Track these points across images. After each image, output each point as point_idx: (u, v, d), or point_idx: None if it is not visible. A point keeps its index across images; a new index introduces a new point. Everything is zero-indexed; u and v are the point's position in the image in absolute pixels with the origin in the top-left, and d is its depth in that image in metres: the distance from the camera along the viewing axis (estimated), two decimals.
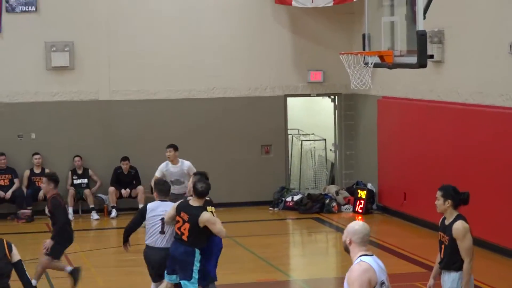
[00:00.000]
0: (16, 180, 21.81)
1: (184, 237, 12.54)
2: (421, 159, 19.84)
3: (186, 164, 18.25)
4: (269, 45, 23.14)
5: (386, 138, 21.58)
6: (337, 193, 22.52)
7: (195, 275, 12.64)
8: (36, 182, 21.72)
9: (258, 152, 23.19)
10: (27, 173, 21.95)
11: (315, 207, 22.14)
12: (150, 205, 13.19)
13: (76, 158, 22.12)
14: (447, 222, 10.85)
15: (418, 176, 20.03)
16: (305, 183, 24.38)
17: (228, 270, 16.11)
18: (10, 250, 10.21)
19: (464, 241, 10.71)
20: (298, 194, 22.86)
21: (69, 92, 22.31)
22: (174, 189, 16.73)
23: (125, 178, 22.16)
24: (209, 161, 21.99)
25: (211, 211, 12.80)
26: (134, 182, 22.16)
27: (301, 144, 24.54)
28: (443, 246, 10.84)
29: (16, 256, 10.27)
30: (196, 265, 12.67)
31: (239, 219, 21.29)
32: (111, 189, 21.87)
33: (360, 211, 21.83)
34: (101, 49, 22.39)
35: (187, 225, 12.54)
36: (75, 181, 22.09)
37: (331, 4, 21.64)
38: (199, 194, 12.52)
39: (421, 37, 15.06)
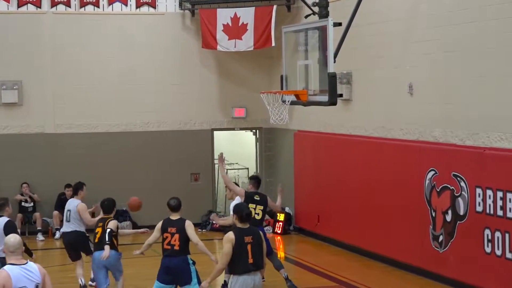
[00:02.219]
0: None
1: (176, 247, 12.99)
2: (333, 186, 20.03)
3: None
4: (197, 85, 23.22)
5: (302, 167, 21.76)
6: None
7: (194, 278, 13.07)
8: None
9: (188, 179, 23.17)
10: None
11: None
12: None
13: (24, 185, 21.98)
14: None
15: (329, 200, 20.22)
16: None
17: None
18: None
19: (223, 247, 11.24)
20: (223, 217, 22.89)
21: (18, 126, 22.12)
22: None
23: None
24: (144, 187, 21.98)
25: None
26: None
27: (226, 172, 24.53)
28: None
29: None
30: (193, 269, 13.11)
31: None
32: (55, 213, 21.66)
33: (279, 231, 21.94)
34: (46, 87, 22.25)
35: (177, 236, 13.02)
36: (23, 204, 21.96)
37: (251, 48, 21.82)
38: (172, 208, 13.37)
39: (332, 78, 15.31)
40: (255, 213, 15.68)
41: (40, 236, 21.69)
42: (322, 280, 16.78)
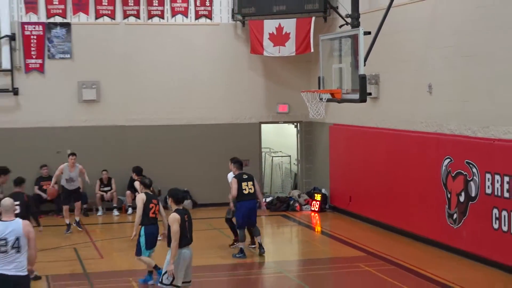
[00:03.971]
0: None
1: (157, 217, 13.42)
2: (362, 171, 20.04)
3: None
4: (247, 85, 23.24)
5: (336, 155, 21.77)
6: (299, 196, 22.63)
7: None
8: None
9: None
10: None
11: (282, 207, 22.26)
12: None
13: (104, 172, 22.24)
14: None
15: (360, 183, 20.22)
16: (274, 188, 24.52)
17: (217, 254, 16.37)
18: None
19: (171, 227, 11.18)
20: (269, 196, 23.03)
21: (96, 119, 22.38)
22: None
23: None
24: (201, 173, 22.25)
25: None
26: None
27: (272, 159, 24.69)
28: None
29: None
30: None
31: (223, 215, 21.46)
32: (128, 192, 21.89)
33: (316, 209, 22.05)
34: (119, 86, 22.45)
35: (158, 207, 13.38)
36: (102, 189, 22.30)
37: (293, 53, 21.84)
38: (147, 186, 13.47)
39: (362, 79, 15.45)
40: (249, 189, 16.25)
41: (115, 212, 22.05)
42: (354, 251, 16.85)
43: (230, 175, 16.93)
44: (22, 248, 9.51)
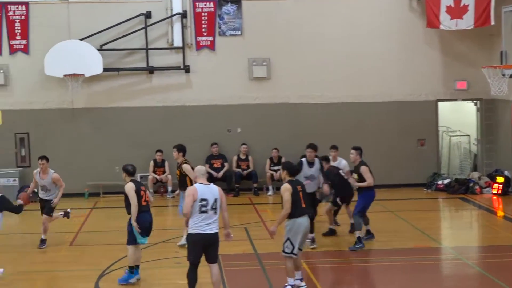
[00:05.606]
0: (226, 164, 22.18)
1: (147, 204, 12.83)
2: None
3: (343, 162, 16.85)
4: (421, 60, 22.65)
5: None
6: (479, 178, 21.90)
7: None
8: (242, 165, 22.21)
9: (415, 144, 22.79)
10: (235, 158, 22.27)
11: (461, 189, 21.59)
12: None
13: (274, 150, 22.25)
14: None
15: None
16: (452, 170, 23.75)
17: (390, 238, 16.05)
18: None
19: (283, 196, 11.73)
20: (447, 178, 22.31)
21: (266, 97, 22.53)
22: None
23: (310, 165, 22.13)
24: (375, 151, 21.82)
25: None
26: None
27: (449, 139, 23.94)
28: None
29: None
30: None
31: (398, 197, 21.08)
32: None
33: (498, 192, 21.19)
34: (290, 63, 22.44)
35: (147, 194, 12.85)
36: (272, 167, 22.20)
37: (471, 27, 21.06)
38: (130, 174, 12.82)
39: None
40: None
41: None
42: None
43: (344, 163, 16.50)
44: (217, 209, 10.96)
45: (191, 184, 13.80)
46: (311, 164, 15.29)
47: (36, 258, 12.41)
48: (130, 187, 12.55)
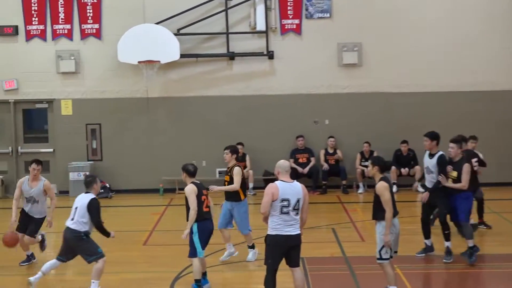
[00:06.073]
0: (312, 159, 21.80)
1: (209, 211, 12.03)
2: None
3: None
4: None
5: None
6: None
7: None
8: (330, 160, 21.91)
9: None
10: (322, 152, 21.87)
11: None
12: None
13: (365, 144, 21.56)
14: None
15: None
16: None
17: (494, 242, 15.49)
18: None
19: (383, 196, 11.23)
20: None
21: (357, 85, 22.02)
22: None
23: (404, 159, 21.84)
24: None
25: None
26: (412, 162, 21.56)
27: None
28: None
29: None
30: None
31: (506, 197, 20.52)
32: (392, 168, 20.95)
33: None
34: (383, 49, 21.90)
35: (209, 199, 12.12)
36: (363, 163, 21.65)
37: None
38: (192, 174, 12.07)
39: None
40: None
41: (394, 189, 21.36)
42: None
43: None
44: (299, 210, 10.51)
45: (243, 191, 13.20)
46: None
47: (107, 257, 12.39)
48: (191, 190, 11.91)
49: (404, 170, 21.43)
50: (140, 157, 21.50)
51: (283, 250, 10.57)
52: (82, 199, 11.87)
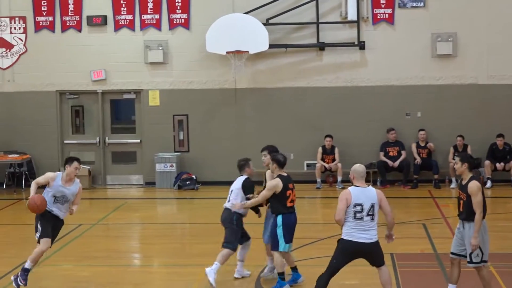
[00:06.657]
0: (403, 152, 21.45)
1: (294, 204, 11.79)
2: None
3: None
4: None
5: None
6: None
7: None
8: (421, 154, 21.53)
9: None
10: (414, 145, 21.47)
11: None
12: None
13: (458, 138, 20.97)
14: (464, 183, 10.83)
15: None
16: None
17: None
18: None
19: (476, 197, 10.64)
20: None
21: (451, 77, 21.55)
22: None
23: (500, 153, 21.33)
24: None
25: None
26: (508, 157, 20.96)
27: None
28: (461, 202, 10.83)
29: None
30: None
31: None
32: (487, 162, 20.53)
33: None
34: (481, 38, 21.41)
35: (294, 193, 11.83)
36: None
37: None
38: (282, 165, 11.79)
39: None
40: None
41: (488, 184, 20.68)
42: None
43: None
44: (375, 216, 10.26)
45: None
46: None
47: (194, 249, 12.39)
48: (273, 185, 11.62)
49: (499, 165, 20.85)
50: (227, 148, 21.49)
51: (353, 256, 10.46)
52: (237, 182, 12.16)
